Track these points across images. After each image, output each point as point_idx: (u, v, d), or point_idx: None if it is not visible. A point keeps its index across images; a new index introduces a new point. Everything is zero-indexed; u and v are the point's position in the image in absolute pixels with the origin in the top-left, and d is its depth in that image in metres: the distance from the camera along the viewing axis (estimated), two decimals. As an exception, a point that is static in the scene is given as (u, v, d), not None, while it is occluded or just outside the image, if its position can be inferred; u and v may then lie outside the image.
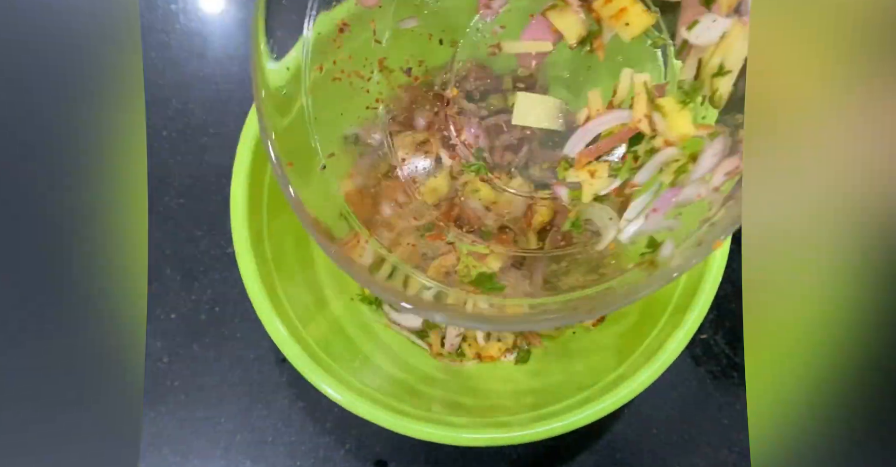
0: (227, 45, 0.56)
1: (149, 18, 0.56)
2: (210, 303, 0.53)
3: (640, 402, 0.51)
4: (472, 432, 0.38)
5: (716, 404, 0.51)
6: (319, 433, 0.51)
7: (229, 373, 0.52)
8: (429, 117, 0.37)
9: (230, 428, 0.51)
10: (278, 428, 0.51)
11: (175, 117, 0.55)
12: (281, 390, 0.51)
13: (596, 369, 0.43)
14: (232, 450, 0.50)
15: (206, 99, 0.55)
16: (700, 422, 0.51)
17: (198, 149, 0.55)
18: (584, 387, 0.41)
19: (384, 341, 0.48)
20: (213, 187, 0.54)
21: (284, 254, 0.43)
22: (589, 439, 0.51)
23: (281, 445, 0.51)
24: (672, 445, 0.51)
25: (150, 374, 0.51)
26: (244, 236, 0.40)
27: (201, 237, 0.54)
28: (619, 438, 0.51)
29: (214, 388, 0.51)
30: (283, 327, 0.39)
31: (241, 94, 0.55)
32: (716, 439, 0.51)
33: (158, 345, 0.52)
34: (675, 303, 0.41)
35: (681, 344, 0.38)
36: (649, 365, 0.38)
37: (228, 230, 0.54)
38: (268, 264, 0.41)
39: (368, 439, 0.51)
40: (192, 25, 0.56)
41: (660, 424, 0.51)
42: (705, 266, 0.40)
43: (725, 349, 0.52)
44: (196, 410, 0.51)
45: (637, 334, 0.42)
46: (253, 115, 0.41)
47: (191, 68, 0.56)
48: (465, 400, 0.45)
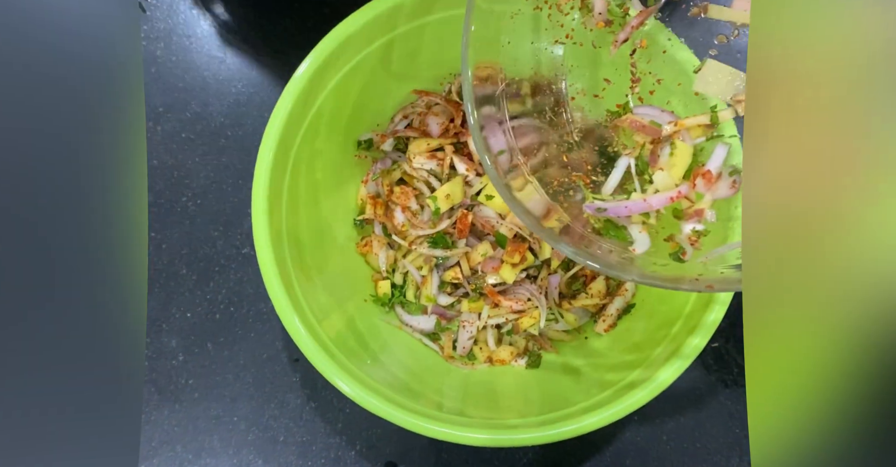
0: (247, 49, 0.57)
1: (171, 23, 0.57)
2: (225, 303, 0.53)
3: (651, 410, 0.51)
4: (481, 432, 0.38)
5: (727, 412, 0.51)
6: (331, 433, 0.51)
7: (243, 372, 0.52)
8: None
9: (243, 427, 0.51)
10: (290, 427, 0.51)
11: (194, 120, 0.56)
12: (293, 390, 0.52)
13: (607, 375, 0.43)
14: (244, 449, 0.51)
15: (224, 102, 0.56)
16: (711, 430, 0.51)
17: (216, 150, 0.55)
18: (594, 393, 0.41)
19: (396, 342, 0.49)
20: (229, 188, 0.55)
21: (301, 254, 0.44)
22: (598, 445, 0.51)
23: (293, 445, 0.51)
24: (682, 453, 0.51)
25: (165, 372, 0.52)
26: (265, 236, 0.41)
27: (217, 237, 0.54)
28: (628, 445, 0.51)
29: (228, 387, 0.52)
30: (300, 323, 0.40)
31: (259, 97, 0.56)
32: (726, 448, 0.51)
33: (173, 344, 0.53)
34: (689, 311, 0.41)
35: (693, 352, 0.38)
36: (660, 373, 0.38)
37: (244, 231, 0.55)
38: (286, 263, 0.42)
39: (380, 440, 0.51)
40: (213, 30, 0.57)
41: (670, 432, 0.51)
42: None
43: (737, 357, 0.52)
44: (209, 409, 0.52)
45: (650, 341, 0.42)
46: (275, 117, 0.41)
47: (211, 72, 0.57)
48: (475, 402, 0.45)
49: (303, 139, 0.44)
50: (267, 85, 0.57)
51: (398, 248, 0.51)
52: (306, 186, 0.45)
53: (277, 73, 0.57)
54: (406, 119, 0.52)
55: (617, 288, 0.48)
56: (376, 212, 0.50)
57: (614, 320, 0.47)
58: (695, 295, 0.41)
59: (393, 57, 0.46)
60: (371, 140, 0.51)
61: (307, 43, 0.42)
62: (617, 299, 0.47)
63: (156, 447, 0.51)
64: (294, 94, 0.41)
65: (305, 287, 0.43)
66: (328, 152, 0.48)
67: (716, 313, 0.39)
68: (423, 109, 0.51)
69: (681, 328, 0.41)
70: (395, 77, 0.48)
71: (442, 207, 0.48)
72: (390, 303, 0.50)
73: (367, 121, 0.50)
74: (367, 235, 0.51)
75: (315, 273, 0.45)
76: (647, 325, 0.45)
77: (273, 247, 0.41)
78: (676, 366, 0.38)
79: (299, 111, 0.42)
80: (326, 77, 0.43)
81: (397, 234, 0.50)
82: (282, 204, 0.42)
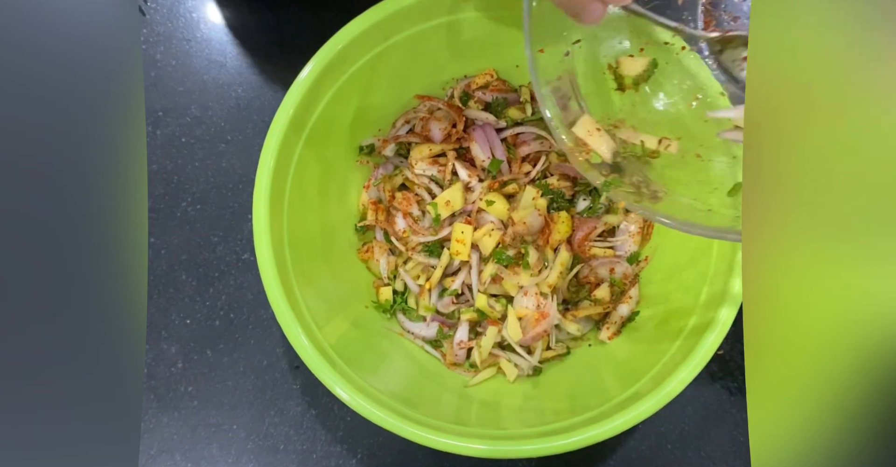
0: (247, 53, 0.57)
1: (170, 27, 0.57)
2: (224, 309, 0.53)
3: (656, 418, 0.51)
4: (482, 443, 0.38)
5: (732, 421, 0.51)
6: (331, 442, 0.51)
7: (242, 380, 0.52)
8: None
9: (242, 436, 0.51)
10: (290, 435, 0.51)
11: (194, 124, 0.55)
12: (293, 398, 0.51)
13: (610, 386, 0.42)
14: (243, 457, 0.50)
15: (225, 106, 0.56)
16: (716, 439, 0.50)
17: (216, 155, 0.55)
18: (597, 404, 0.40)
19: (398, 349, 0.48)
20: (229, 194, 0.55)
21: (302, 260, 0.43)
22: (603, 454, 0.50)
23: (293, 453, 0.50)
24: (688, 462, 0.50)
25: (164, 379, 0.51)
26: (266, 241, 0.40)
27: (217, 243, 0.54)
28: (633, 454, 0.50)
29: (227, 395, 0.51)
30: (300, 330, 0.40)
31: (259, 102, 0.56)
32: (731, 456, 0.50)
33: (173, 351, 0.52)
34: (695, 321, 0.40)
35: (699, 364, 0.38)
36: (666, 384, 0.37)
37: (244, 236, 0.55)
38: (287, 269, 0.41)
39: (381, 449, 0.50)
40: (213, 34, 0.57)
41: (675, 440, 0.50)
42: (727, 282, 0.39)
43: (742, 364, 0.52)
44: (209, 416, 0.51)
45: (654, 351, 0.42)
46: (277, 121, 0.41)
47: (211, 76, 0.56)
48: (476, 411, 0.45)
49: (305, 144, 0.43)
50: (268, 89, 0.56)
51: (399, 255, 0.50)
52: (308, 191, 0.45)
53: (278, 77, 0.56)
54: (408, 124, 0.51)
55: (621, 295, 0.48)
56: (378, 218, 0.50)
57: (619, 328, 0.47)
58: (700, 303, 0.41)
59: (395, 62, 0.45)
60: (373, 145, 0.50)
61: (308, 47, 0.42)
62: (621, 306, 0.47)
63: (154, 455, 0.50)
64: (296, 98, 0.41)
65: (306, 293, 0.42)
66: (330, 157, 0.47)
67: (724, 322, 0.38)
68: (425, 114, 0.51)
69: (687, 336, 0.40)
70: (397, 82, 0.48)
71: (443, 214, 0.48)
72: (392, 310, 0.50)
73: (369, 126, 0.50)
74: (369, 241, 0.51)
75: (316, 279, 0.45)
76: (653, 334, 0.44)
77: (274, 252, 0.40)
78: (681, 378, 0.37)
79: (301, 116, 0.42)
80: (328, 82, 0.43)
81: (399, 240, 0.50)
82: (283, 209, 0.42)
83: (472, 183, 0.48)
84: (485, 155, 0.48)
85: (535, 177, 0.49)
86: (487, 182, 0.48)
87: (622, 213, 0.49)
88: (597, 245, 0.49)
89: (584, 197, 0.49)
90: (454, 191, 0.48)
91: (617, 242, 0.49)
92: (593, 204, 0.49)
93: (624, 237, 0.49)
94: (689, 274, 0.43)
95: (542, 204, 0.47)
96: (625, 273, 0.48)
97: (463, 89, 0.50)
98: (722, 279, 0.40)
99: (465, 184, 0.48)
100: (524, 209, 0.46)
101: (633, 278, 0.48)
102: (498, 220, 0.47)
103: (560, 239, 0.47)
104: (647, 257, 0.49)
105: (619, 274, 0.48)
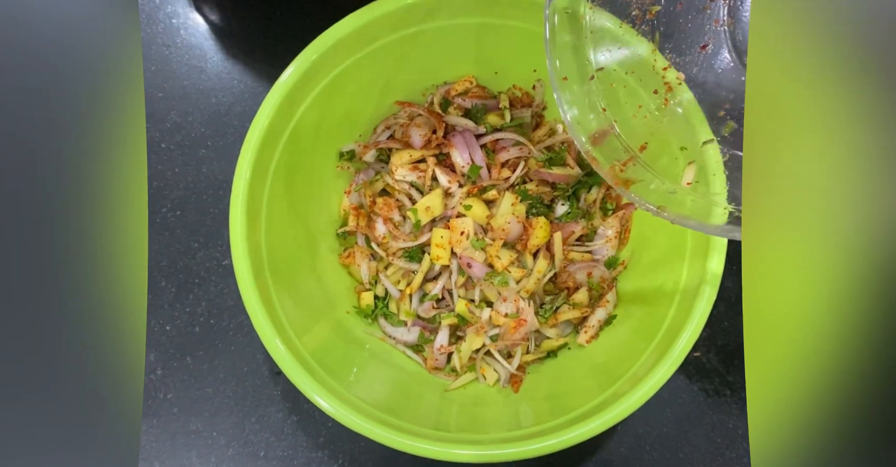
0: (227, 59, 0.57)
1: (150, 32, 0.57)
2: (205, 316, 0.53)
3: (633, 420, 0.52)
4: (464, 448, 0.38)
5: (709, 422, 0.52)
6: (312, 448, 0.51)
7: (223, 386, 0.51)
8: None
9: (223, 442, 0.50)
10: (271, 442, 0.51)
11: (174, 130, 0.55)
12: (274, 404, 0.51)
13: (589, 387, 0.43)
14: (223, 464, 0.50)
15: (204, 112, 0.56)
16: (693, 440, 0.51)
17: (195, 161, 0.55)
18: (576, 406, 0.41)
19: (379, 354, 0.48)
20: (209, 199, 0.54)
21: (281, 267, 0.43)
22: (582, 456, 0.51)
23: (274, 460, 0.50)
24: (665, 463, 0.51)
25: (144, 387, 0.51)
26: (242, 248, 0.40)
27: (197, 249, 0.54)
28: (612, 456, 0.51)
29: (207, 401, 0.51)
30: (278, 339, 0.39)
31: (239, 107, 0.56)
32: (709, 457, 0.51)
33: (152, 358, 0.52)
34: (670, 322, 0.41)
35: (674, 364, 0.38)
36: (641, 386, 0.38)
37: (224, 242, 0.54)
38: (265, 276, 0.41)
39: (362, 455, 0.50)
40: (193, 40, 0.57)
41: (653, 442, 0.51)
42: (699, 285, 0.40)
43: (718, 367, 0.53)
44: (188, 423, 0.51)
45: (631, 352, 0.42)
46: (255, 127, 0.41)
47: (190, 82, 0.56)
48: (458, 416, 0.45)
49: (283, 149, 0.43)
50: (248, 95, 0.56)
51: (380, 260, 0.51)
52: (287, 197, 0.45)
53: (259, 83, 0.56)
54: (388, 130, 0.51)
55: (599, 298, 0.48)
56: (359, 224, 0.50)
57: (596, 331, 0.47)
58: (675, 305, 0.42)
59: (375, 68, 0.46)
60: (353, 151, 0.51)
61: (289, 53, 0.42)
62: (599, 310, 0.47)
63: (133, 463, 0.50)
64: (275, 103, 0.41)
65: (285, 301, 0.42)
66: (310, 163, 0.47)
67: (696, 323, 0.39)
68: (405, 120, 0.51)
69: (663, 337, 0.41)
70: (378, 88, 0.48)
71: (423, 220, 0.48)
72: (373, 315, 0.50)
73: (350, 132, 0.50)
74: (350, 246, 0.51)
75: (296, 285, 0.45)
76: (630, 336, 0.45)
77: (251, 260, 0.40)
78: (658, 378, 0.38)
79: (280, 121, 0.42)
80: (308, 87, 0.43)
81: (379, 246, 0.50)
82: (261, 215, 0.42)
83: (453, 188, 0.49)
84: (464, 161, 0.49)
85: (515, 183, 0.50)
86: (467, 187, 0.49)
87: (600, 218, 0.50)
88: (575, 249, 0.49)
89: (563, 202, 0.50)
90: (434, 196, 0.48)
91: (595, 247, 0.50)
92: (571, 209, 0.50)
93: (602, 242, 0.50)
94: (663, 276, 0.44)
95: (521, 210, 0.48)
96: (602, 277, 0.49)
97: (443, 95, 0.51)
98: (695, 281, 0.41)
99: (445, 189, 0.49)
100: (502, 216, 0.47)
101: (611, 282, 0.49)
102: (476, 224, 0.48)
103: (538, 244, 0.48)
104: (624, 261, 0.49)
105: (596, 278, 0.49)
